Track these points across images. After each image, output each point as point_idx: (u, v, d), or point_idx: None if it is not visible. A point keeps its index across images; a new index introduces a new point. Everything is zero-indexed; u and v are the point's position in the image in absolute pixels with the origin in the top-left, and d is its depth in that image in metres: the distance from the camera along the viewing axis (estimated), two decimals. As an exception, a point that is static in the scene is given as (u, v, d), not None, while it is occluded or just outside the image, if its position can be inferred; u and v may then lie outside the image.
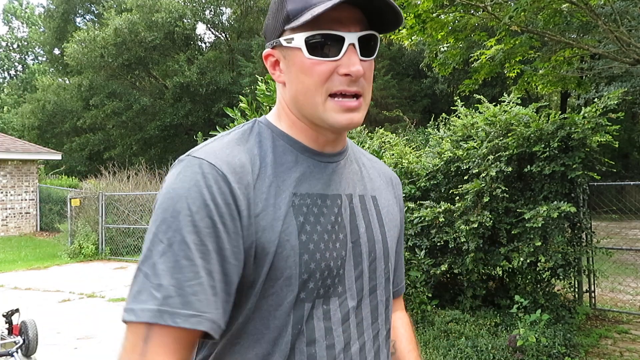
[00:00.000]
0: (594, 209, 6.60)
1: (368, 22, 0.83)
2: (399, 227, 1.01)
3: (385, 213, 0.96)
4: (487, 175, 4.49)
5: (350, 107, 0.82)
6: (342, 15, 0.80)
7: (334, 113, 0.82)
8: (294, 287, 0.79)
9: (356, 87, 0.82)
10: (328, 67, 0.80)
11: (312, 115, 0.84)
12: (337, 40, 0.80)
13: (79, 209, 11.61)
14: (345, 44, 0.80)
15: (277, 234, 0.79)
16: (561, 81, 7.81)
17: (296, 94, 0.84)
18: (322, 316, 0.82)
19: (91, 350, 4.78)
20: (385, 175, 1.04)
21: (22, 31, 40.57)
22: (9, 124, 31.03)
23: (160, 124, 22.86)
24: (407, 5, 5.58)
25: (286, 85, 0.86)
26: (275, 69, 0.88)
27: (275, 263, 0.78)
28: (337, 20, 0.80)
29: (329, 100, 0.81)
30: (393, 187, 1.04)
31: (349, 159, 0.95)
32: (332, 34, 0.80)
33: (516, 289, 4.77)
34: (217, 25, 25.84)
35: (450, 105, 6.38)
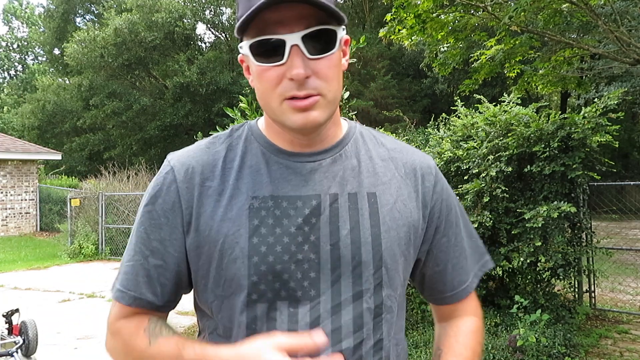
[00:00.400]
0: (594, 209, 6.60)
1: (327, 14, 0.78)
2: (416, 225, 0.91)
3: (387, 211, 0.88)
4: (487, 175, 4.49)
5: (302, 106, 0.79)
6: (285, 15, 0.76)
7: (290, 114, 0.80)
8: (243, 288, 0.82)
9: (306, 90, 0.78)
10: (276, 72, 0.79)
11: (274, 118, 0.84)
12: (279, 43, 0.77)
13: (79, 209, 11.61)
14: (287, 46, 0.77)
15: (222, 235, 0.82)
16: (561, 81, 7.81)
17: (259, 99, 0.85)
18: (286, 319, 0.81)
19: (91, 350, 4.78)
20: (408, 166, 0.94)
21: (22, 31, 40.60)
22: (9, 124, 31.03)
23: (160, 124, 22.86)
24: (407, 5, 5.58)
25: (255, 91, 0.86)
26: (249, 74, 0.88)
27: (221, 263, 0.83)
28: (279, 21, 0.77)
29: (285, 103, 0.80)
30: (416, 179, 0.93)
31: (344, 155, 0.90)
32: (270, 39, 0.77)
33: (516, 289, 4.77)
34: (217, 25, 25.83)
35: (450, 105, 6.38)
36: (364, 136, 0.96)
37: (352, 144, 0.92)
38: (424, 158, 0.98)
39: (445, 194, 0.97)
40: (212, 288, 0.85)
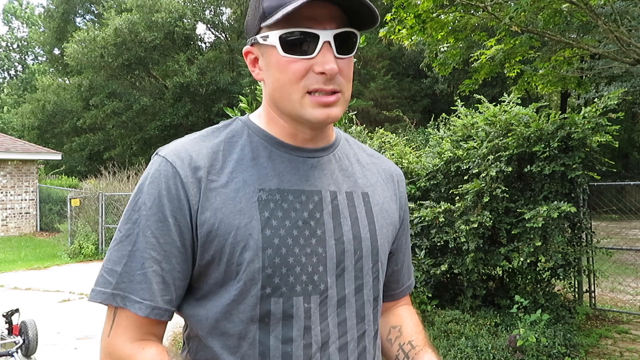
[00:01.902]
0: (594, 209, 6.60)
1: (348, 19, 0.82)
2: (396, 225, 0.99)
3: (378, 210, 0.94)
4: (487, 175, 4.49)
5: (327, 102, 0.81)
6: (318, 13, 0.79)
7: (311, 109, 0.82)
8: (256, 281, 0.80)
9: (332, 85, 0.81)
10: (303, 65, 0.80)
11: (289, 111, 0.84)
12: (311, 38, 0.79)
13: (79, 209, 11.61)
14: (320, 41, 0.79)
15: (234, 228, 0.80)
16: (561, 81, 7.81)
17: (273, 91, 0.85)
18: (302, 315, 0.81)
19: (91, 350, 4.78)
20: (386, 172, 1.02)
21: (22, 31, 40.60)
22: (9, 124, 31.04)
23: (160, 124, 22.86)
24: (407, 5, 5.58)
25: (265, 82, 0.87)
26: (255, 66, 0.88)
27: (233, 257, 0.80)
28: (312, 17, 0.79)
29: (306, 97, 0.81)
30: (394, 183, 1.02)
31: (337, 155, 0.94)
32: (305, 32, 0.79)
33: (516, 289, 4.77)
34: (217, 25, 25.84)
35: (450, 105, 6.38)
36: (349, 141, 1.01)
37: (341, 146, 0.97)
38: (395, 166, 1.06)
39: (406, 201, 1.06)
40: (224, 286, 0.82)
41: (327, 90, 0.81)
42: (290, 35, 0.80)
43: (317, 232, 0.84)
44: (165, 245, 0.81)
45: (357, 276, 0.87)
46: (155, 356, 0.81)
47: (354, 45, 0.84)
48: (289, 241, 0.82)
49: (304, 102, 0.82)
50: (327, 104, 0.82)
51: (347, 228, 0.87)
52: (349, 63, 0.84)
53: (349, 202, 0.90)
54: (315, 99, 0.81)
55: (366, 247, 0.89)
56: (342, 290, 0.86)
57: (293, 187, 0.85)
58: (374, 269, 0.90)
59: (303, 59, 0.80)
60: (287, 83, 0.82)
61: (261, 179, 0.84)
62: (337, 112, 0.83)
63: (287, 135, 0.88)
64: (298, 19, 0.79)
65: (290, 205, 0.84)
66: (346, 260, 0.86)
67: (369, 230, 0.90)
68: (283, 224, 0.82)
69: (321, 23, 0.80)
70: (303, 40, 0.80)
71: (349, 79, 0.85)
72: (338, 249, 0.86)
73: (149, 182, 0.83)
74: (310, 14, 0.79)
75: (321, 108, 0.82)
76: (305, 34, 0.79)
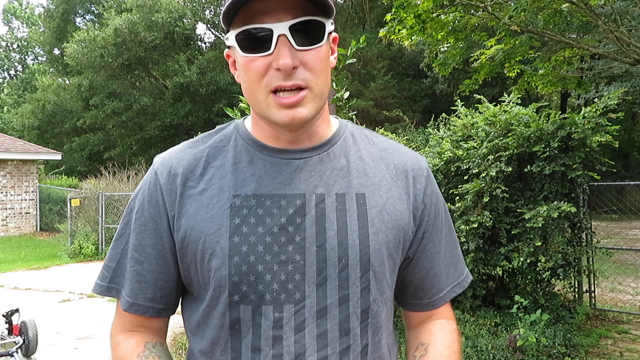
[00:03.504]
0: (594, 209, 6.60)
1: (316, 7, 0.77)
2: (405, 228, 0.87)
3: (376, 213, 0.84)
4: (487, 175, 4.49)
5: (289, 103, 0.77)
6: (271, 6, 0.75)
7: (276, 110, 0.78)
8: (223, 289, 0.79)
9: (293, 81, 0.76)
10: (262, 63, 0.77)
11: (259, 112, 0.82)
12: (265, 33, 0.75)
13: (79, 209, 11.61)
14: (274, 36, 0.75)
15: (203, 235, 0.81)
16: (561, 81, 7.81)
17: (245, 93, 0.82)
18: (271, 325, 0.78)
19: (91, 350, 4.78)
20: (400, 167, 0.90)
21: (22, 31, 40.60)
22: (9, 124, 31.04)
23: (160, 124, 22.86)
24: (407, 5, 5.59)
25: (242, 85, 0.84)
26: (235, 69, 0.86)
27: (203, 263, 0.81)
28: (265, 11, 0.75)
29: (270, 97, 0.78)
30: (407, 180, 0.89)
31: (332, 153, 0.86)
32: (257, 27, 0.75)
33: (516, 289, 4.77)
34: (217, 25, 25.82)
35: (450, 105, 6.38)
36: (355, 135, 0.92)
37: (341, 143, 0.89)
38: (417, 159, 0.93)
39: (435, 197, 0.93)
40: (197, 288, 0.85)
41: (287, 87, 0.76)
42: (244, 33, 0.77)
43: (296, 238, 0.80)
44: (147, 247, 0.86)
45: (341, 286, 0.80)
46: (132, 347, 0.87)
47: (320, 34, 0.78)
48: (260, 248, 0.79)
49: (268, 102, 0.78)
50: (290, 104, 0.77)
51: (332, 234, 0.81)
52: (316, 54, 0.78)
53: (339, 205, 0.82)
54: (278, 100, 0.77)
55: (353, 254, 0.80)
56: (323, 300, 0.79)
57: (272, 192, 0.82)
58: (363, 279, 0.81)
59: (261, 56, 0.76)
60: (251, 83, 0.79)
61: (237, 185, 0.82)
62: (304, 112, 0.78)
63: (269, 137, 0.85)
64: (252, 14, 0.76)
65: (266, 211, 0.80)
66: (328, 269, 0.80)
67: (358, 235, 0.81)
68: (255, 230, 0.80)
69: (275, 16, 0.75)
70: (258, 37, 0.76)
71: (318, 71, 0.78)
72: (319, 256, 0.80)
73: (139, 187, 0.89)
74: (263, 7, 0.75)
75: (285, 109, 0.77)
76: (258, 30, 0.76)
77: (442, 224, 0.94)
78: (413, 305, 0.97)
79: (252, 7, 0.75)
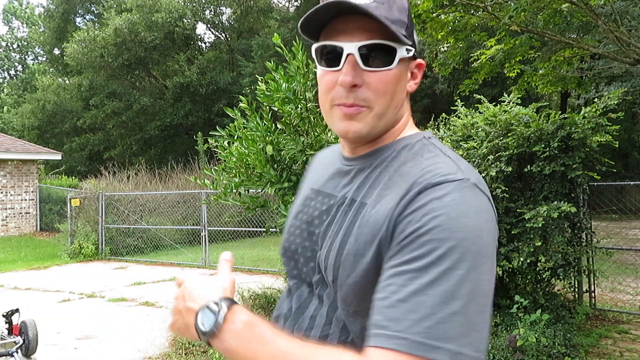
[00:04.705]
0: (594, 209, 6.60)
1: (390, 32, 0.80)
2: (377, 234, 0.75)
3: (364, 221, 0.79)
4: (487, 175, 4.49)
5: (346, 113, 0.82)
6: (348, 26, 0.81)
7: (337, 119, 0.85)
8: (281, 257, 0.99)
9: (353, 99, 0.81)
10: (332, 77, 0.83)
11: (327, 122, 0.90)
12: (337, 51, 0.81)
13: (79, 209, 11.61)
14: (344, 54, 0.80)
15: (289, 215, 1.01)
16: (561, 81, 7.82)
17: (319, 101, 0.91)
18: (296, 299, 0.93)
19: (91, 350, 4.78)
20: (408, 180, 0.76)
21: (22, 31, 40.59)
22: (9, 124, 31.03)
23: (160, 124, 22.87)
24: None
25: None
26: None
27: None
28: (343, 30, 0.81)
29: (334, 108, 0.84)
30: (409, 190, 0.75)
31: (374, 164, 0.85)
32: (331, 45, 0.82)
33: (516, 289, 4.77)
34: (217, 25, 25.84)
35: (450, 105, 6.38)
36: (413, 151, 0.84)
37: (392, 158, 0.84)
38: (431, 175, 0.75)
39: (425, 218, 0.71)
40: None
41: (347, 104, 0.82)
42: (320, 48, 0.84)
43: (316, 231, 0.90)
44: None
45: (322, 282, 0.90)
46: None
47: (389, 59, 0.81)
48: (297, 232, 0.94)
49: (332, 113, 0.85)
50: (347, 115, 0.82)
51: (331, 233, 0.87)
52: (382, 77, 0.81)
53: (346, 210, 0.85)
54: (339, 109, 0.83)
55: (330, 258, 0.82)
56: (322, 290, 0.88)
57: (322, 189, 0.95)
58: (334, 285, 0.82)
59: (331, 71, 0.83)
60: (322, 95, 0.87)
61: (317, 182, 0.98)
62: (357, 127, 0.83)
63: (344, 145, 0.95)
64: (331, 32, 0.82)
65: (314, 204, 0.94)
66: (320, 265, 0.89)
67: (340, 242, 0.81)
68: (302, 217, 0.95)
69: (349, 35, 0.81)
70: (331, 53, 0.82)
71: (381, 92, 0.82)
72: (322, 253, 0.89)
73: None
74: (342, 27, 0.81)
75: (342, 120, 0.84)
76: (331, 47, 0.82)
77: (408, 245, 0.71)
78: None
79: (335, 26, 0.82)
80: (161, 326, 5.40)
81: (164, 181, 13.13)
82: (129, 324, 5.54)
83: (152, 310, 6.16)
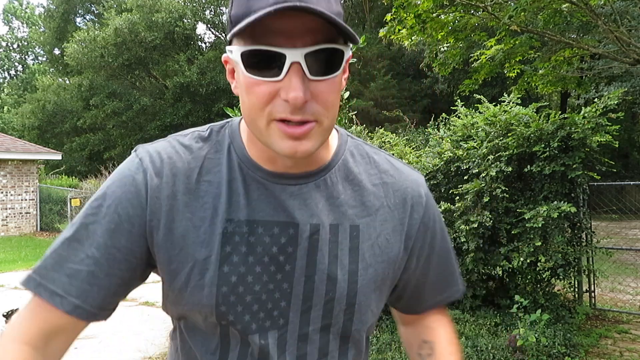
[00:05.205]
0: (594, 209, 6.61)
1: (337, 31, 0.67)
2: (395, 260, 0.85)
3: (368, 247, 0.82)
4: (487, 175, 4.49)
5: (294, 134, 0.68)
6: (289, 26, 0.65)
7: (278, 139, 0.70)
8: (210, 315, 0.77)
9: (301, 115, 0.68)
10: (268, 89, 0.67)
11: (258, 137, 0.74)
12: (277, 57, 0.66)
13: (79, 209, 11.60)
14: (287, 62, 0.65)
15: (192, 260, 0.76)
16: (561, 81, 7.82)
17: (243, 112, 0.74)
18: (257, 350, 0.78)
19: (91, 350, 4.78)
20: (400, 195, 0.86)
21: (22, 31, 40.62)
22: (9, 124, 31.05)
23: (160, 124, 22.87)
24: (407, 5, 5.59)
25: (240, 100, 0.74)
26: (233, 79, 0.77)
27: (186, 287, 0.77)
28: (282, 31, 0.65)
29: (273, 124, 0.69)
30: (405, 210, 0.86)
31: (329, 180, 0.81)
32: (269, 51, 0.65)
33: (516, 289, 4.77)
34: (217, 25, 25.84)
35: (450, 105, 6.38)
36: (354, 155, 0.86)
37: (340, 167, 0.83)
38: (416, 184, 0.88)
39: (432, 221, 0.89)
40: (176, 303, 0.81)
41: (294, 120, 0.68)
42: (252, 52, 0.67)
43: (286, 267, 0.78)
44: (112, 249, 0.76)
45: (324, 316, 0.80)
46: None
47: (337, 63, 0.69)
48: (249, 279, 0.76)
49: (270, 130, 0.70)
50: (295, 136, 0.69)
51: (322, 267, 0.78)
52: (329, 86, 0.69)
53: (332, 237, 0.79)
54: (282, 129, 0.69)
55: (341, 289, 0.79)
56: (306, 327, 0.80)
57: (265, 218, 0.77)
58: (348, 311, 0.80)
59: (268, 82, 0.67)
60: (252, 107, 0.70)
61: (231, 208, 0.77)
62: (307, 146, 0.70)
63: (265, 159, 0.79)
64: (265, 32, 0.65)
65: (257, 239, 0.77)
66: (314, 299, 0.79)
67: (348, 270, 0.80)
68: (246, 260, 0.76)
69: (290, 38, 0.65)
70: (268, 59, 0.66)
71: (330, 104, 0.70)
72: (307, 287, 0.78)
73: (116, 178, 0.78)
74: (280, 26, 0.65)
75: (288, 140, 0.69)
76: (269, 53, 0.66)
77: (436, 246, 0.91)
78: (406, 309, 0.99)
79: (265, 23, 0.64)
80: (161, 326, 5.40)
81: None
82: (129, 324, 5.54)
83: (152, 310, 6.16)
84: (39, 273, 0.76)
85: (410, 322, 1.01)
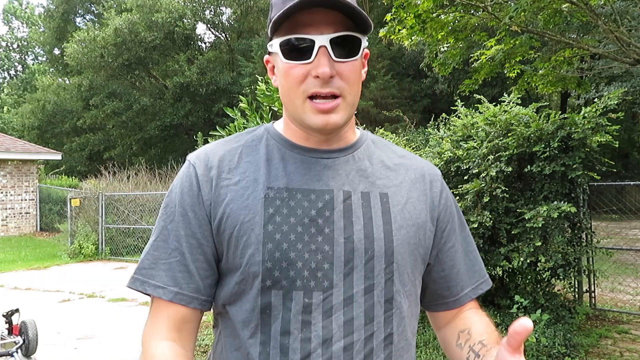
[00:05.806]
0: (594, 209, 6.61)
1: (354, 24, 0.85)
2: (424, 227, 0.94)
3: (398, 211, 0.91)
4: (487, 175, 4.49)
5: (324, 109, 0.84)
6: (315, 19, 0.83)
7: (311, 114, 0.85)
8: (257, 274, 0.84)
9: (329, 88, 0.84)
10: (302, 70, 0.84)
11: (294, 116, 0.89)
12: (308, 43, 0.83)
13: (79, 209, 11.60)
14: (316, 46, 0.83)
15: (238, 222, 0.86)
16: (561, 81, 7.81)
17: (282, 96, 0.90)
18: (301, 309, 0.83)
19: (91, 350, 4.78)
20: (418, 171, 0.99)
21: (22, 31, 40.60)
22: (9, 124, 31.04)
23: (160, 124, 22.87)
24: (407, 5, 5.59)
25: (279, 89, 0.91)
26: (273, 74, 0.94)
27: (237, 249, 0.86)
28: (309, 23, 0.83)
29: (307, 102, 0.85)
30: (425, 183, 0.98)
31: (357, 156, 0.95)
32: (301, 37, 0.83)
33: (516, 289, 4.77)
34: (217, 25, 25.85)
35: (450, 105, 6.38)
36: (375, 142, 1.01)
37: (364, 148, 0.97)
38: (432, 166, 1.03)
39: (450, 201, 1.01)
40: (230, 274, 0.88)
41: (324, 94, 0.84)
42: (288, 42, 0.84)
43: (325, 230, 0.86)
44: (188, 237, 0.88)
45: (367, 276, 0.86)
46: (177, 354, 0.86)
47: (356, 49, 0.86)
48: (292, 237, 0.85)
49: (305, 107, 0.86)
50: (325, 110, 0.84)
51: (358, 227, 0.87)
52: (351, 67, 0.86)
53: (364, 202, 0.90)
54: (314, 105, 0.85)
55: (379, 247, 0.87)
56: (350, 289, 0.85)
57: (302, 186, 0.88)
58: (388, 270, 0.87)
59: (301, 64, 0.84)
60: (290, 88, 0.86)
61: (271, 179, 0.89)
62: (336, 118, 0.86)
63: (300, 138, 0.93)
64: (297, 25, 0.83)
65: (297, 203, 0.87)
66: (355, 260, 0.86)
67: (383, 230, 0.88)
68: (287, 220, 0.86)
69: (318, 28, 0.83)
70: (301, 46, 0.84)
71: (352, 82, 0.86)
72: (347, 247, 0.86)
73: (175, 182, 0.93)
74: (308, 20, 0.83)
75: (320, 114, 0.85)
76: (301, 40, 0.83)
77: (457, 226, 1.02)
78: (439, 305, 1.03)
79: (297, 19, 0.83)
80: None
81: (164, 181, 13.12)
82: (129, 324, 5.54)
83: (152, 310, 6.16)
84: (140, 274, 0.90)
85: (446, 323, 1.04)
